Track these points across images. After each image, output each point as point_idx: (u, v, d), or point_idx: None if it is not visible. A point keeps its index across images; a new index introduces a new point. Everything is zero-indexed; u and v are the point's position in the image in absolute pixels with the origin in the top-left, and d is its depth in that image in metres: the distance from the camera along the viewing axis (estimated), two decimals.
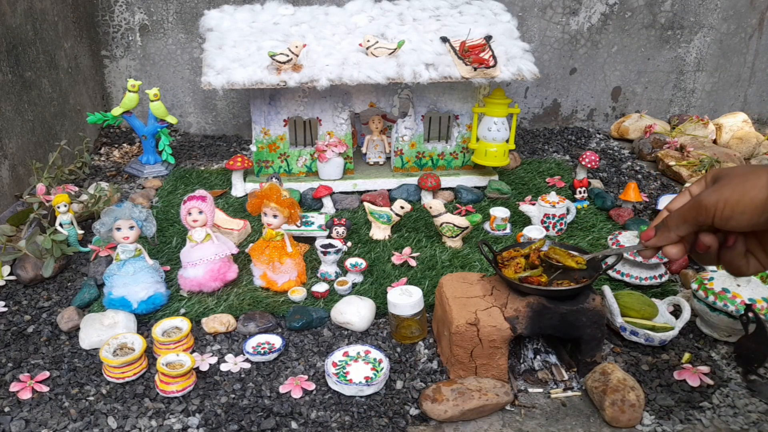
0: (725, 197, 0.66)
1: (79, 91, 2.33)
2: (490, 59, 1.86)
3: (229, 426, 1.11)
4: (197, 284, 1.46)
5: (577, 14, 2.56)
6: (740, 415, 1.16)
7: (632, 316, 1.34)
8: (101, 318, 1.35)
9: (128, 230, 1.39)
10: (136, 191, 2.05)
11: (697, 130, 2.49)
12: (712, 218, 0.68)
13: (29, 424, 1.11)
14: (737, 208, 0.66)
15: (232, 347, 1.33)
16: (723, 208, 0.67)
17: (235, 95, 2.59)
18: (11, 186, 1.86)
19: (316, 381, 1.22)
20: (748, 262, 0.71)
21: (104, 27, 2.47)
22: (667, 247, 0.74)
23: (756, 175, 0.65)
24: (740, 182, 0.66)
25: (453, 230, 1.68)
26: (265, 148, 2.00)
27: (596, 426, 1.13)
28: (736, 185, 0.66)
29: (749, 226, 0.66)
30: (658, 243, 0.74)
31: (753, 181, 0.65)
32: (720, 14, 2.61)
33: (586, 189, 1.97)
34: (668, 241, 0.73)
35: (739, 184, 0.66)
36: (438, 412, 1.12)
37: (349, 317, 1.37)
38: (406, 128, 2.02)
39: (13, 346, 1.32)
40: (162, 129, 2.16)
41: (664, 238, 0.74)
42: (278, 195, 1.47)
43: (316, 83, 1.80)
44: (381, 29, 1.99)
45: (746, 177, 0.66)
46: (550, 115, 2.75)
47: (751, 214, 0.65)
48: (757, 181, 0.64)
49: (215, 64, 1.83)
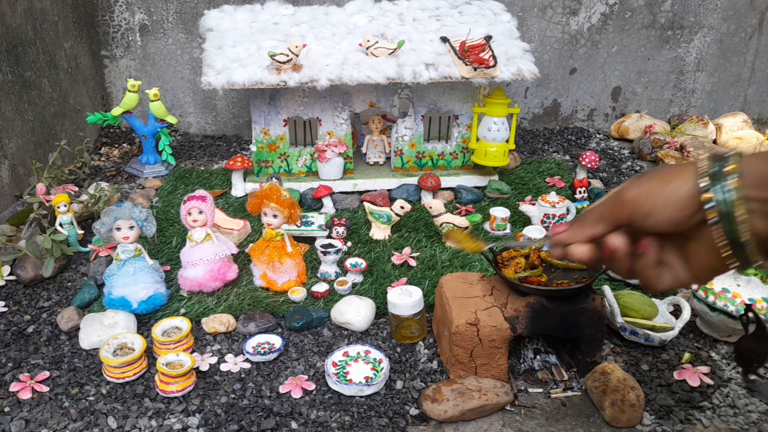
0: (646, 190, 0.60)
1: (79, 91, 2.33)
2: (490, 59, 1.86)
3: (229, 426, 1.11)
4: (197, 284, 1.46)
5: (577, 14, 2.56)
6: (740, 415, 1.16)
7: (632, 316, 1.34)
8: (101, 318, 1.35)
9: (128, 230, 1.39)
10: (136, 191, 2.05)
11: (697, 130, 2.49)
12: (630, 214, 0.61)
13: (29, 424, 1.11)
14: (658, 200, 0.59)
15: (232, 347, 1.33)
16: (643, 201, 0.60)
17: (235, 95, 2.59)
18: (11, 186, 1.86)
19: (316, 381, 1.22)
20: (659, 274, 0.62)
21: (104, 27, 2.47)
22: (573, 245, 0.65)
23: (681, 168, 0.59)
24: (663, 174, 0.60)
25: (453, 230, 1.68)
26: (265, 148, 2.00)
27: (596, 426, 1.13)
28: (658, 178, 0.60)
29: (670, 224, 0.59)
30: (566, 239, 0.65)
31: (677, 173, 0.59)
32: (720, 14, 2.61)
33: (586, 189, 1.97)
34: (576, 239, 0.64)
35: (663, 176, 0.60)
36: (438, 412, 1.12)
37: (349, 317, 1.37)
38: (406, 128, 2.02)
39: (13, 346, 1.32)
40: (162, 129, 2.16)
41: (573, 235, 0.65)
42: (278, 195, 1.47)
43: (316, 83, 1.80)
44: (381, 29, 1.99)
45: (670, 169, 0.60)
46: (550, 115, 2.75)
47: (673, 208, 0.58)
48: (681, 172, 0.58)
49: (215, 64, 1.83)
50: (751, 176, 0.55)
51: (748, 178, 0.55)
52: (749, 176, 0.55)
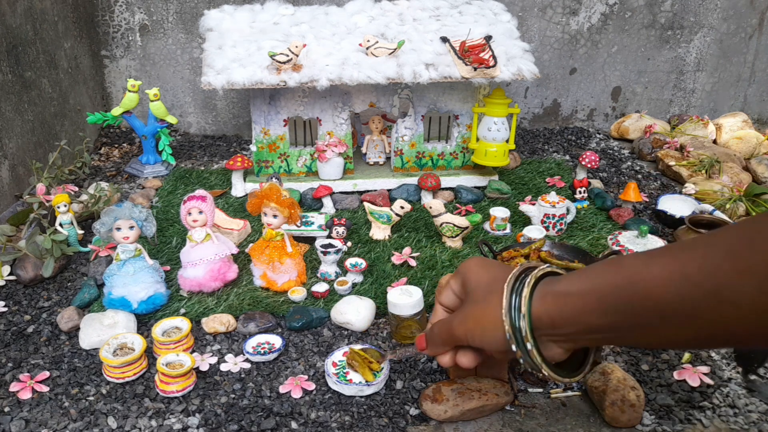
0: (470, 330, 0.71)
1: (79, 91, 2.33)
2: (490, 59, 1.86)
3: (229, 426, 1.11)
4: (197, 284, 1.46)
5: (577, 14, 2.56)
6: (740, 415, 1.16)
7: None
8: (101, 318, 1.35)
9: (128, 230, 1.39)
10: (136, 191, 2.05)
11: (697, 130, 2.49)
12: (466, 342, 0.72)
13: (29, 424, 1.11)
14: (485, 340, 0.69)
15: (232, 347, 1.33)
16: (472, 339, 0.71)
17: (235, 95, 2.59)
18: (11, 186, 1.86)
19: (316, 381, 1.22)
20: None
21: (104, 27, 2.47)
22: (439, 357, 0.78)
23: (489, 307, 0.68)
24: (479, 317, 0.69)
25: (453, 230, 1.68)
26: (265, 148, 2.00)
27: (596, 426, 1.13)
28: (476, 320, 0.70)
29: (499, 350, 0.68)
30: (431, 354, 0.79)
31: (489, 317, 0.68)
32: (720, 14, 2.61)
33: (586, 189, 1.97)
34: (438, 353, 0.78)
35: (478, 320, 0.69)
36: (438, 412, 1.12)
37: (349, 317, 1.37)
38: (406, 128, 2.02)
39: (13, 346, 1.32)
40: (162, 129, 2.16)
41: (434, 351, 0.78)
42: (278, 195, 1.47)
43: (316, 83, 1.80)
44: (381, 29, 1.99)
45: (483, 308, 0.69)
46: (550, 115, 2.75)
47: (497, 346, 0.68)
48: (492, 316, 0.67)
49: (215, 64, 1.83)
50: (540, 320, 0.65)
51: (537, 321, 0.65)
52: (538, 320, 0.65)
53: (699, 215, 1.78)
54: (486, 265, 0.72)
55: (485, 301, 0.68)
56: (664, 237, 1.77)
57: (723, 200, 1.93)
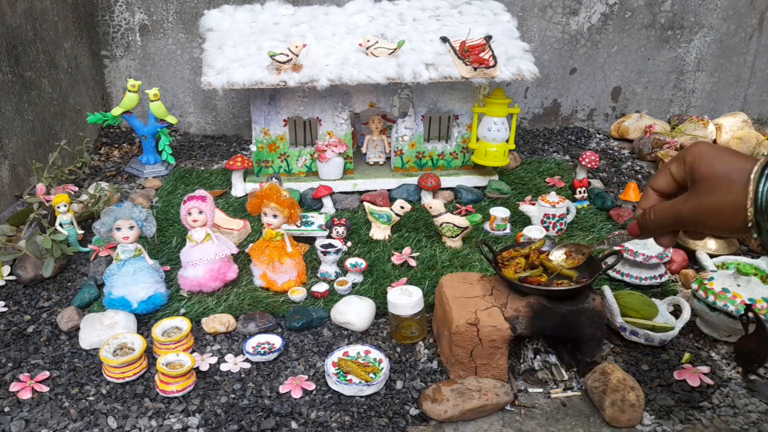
0: (706, 219, 0.70)
1: (79, 91, 2.33)
2: (490, 59, 1.86)
3: (229, 426, 1.11)
4: (197, 284, 1.46)
5: (577, 14, 2.56)
6: (740, 415, 1.16)
7: (632, 316, 1.34)
8: (101, 318, 1.35)
9: (128, 230, 1.39)
10: (136, 191, 2.05)
11: (697, 130, 2.49)
12: (696, 228, 0.72)
13: (29, 424, 1.11)
14: (723, 228, 0.69)
15: (232, 347, 1.33)
16: (705, 226, 0.70)
17: (235, 95, 2.59)
18: (11, 186, 1.86)
19: (316, 381, 1.22)
20: None
21: (104, 27, 2.47)
22: (658, 239, 0.78)
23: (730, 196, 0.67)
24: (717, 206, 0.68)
25: (453, 230, 1.68)
26: (265, 148, 2.00)
27: (596, 426, 1.13)
28: (712, 210, 0.69)
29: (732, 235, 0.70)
30: (646, 237, 0.80)
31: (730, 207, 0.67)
32: (720, 14, 2.61)
33: (586, 189, 1.97)
34: (655, 236, 0.78)
35: (717, 209, 0.68)
36: (438, 412, 1.12)
37: (349, 317, 1.37)
38: (406, 128, 2.02)
39: (13, 346, 1.32)
40: (162, 129, 2.16)
41: (650, 235, 0.78)
42: (278, 195, 1.47)
43: (316, 83, 1.80)
44: (381, 29, 1.99)
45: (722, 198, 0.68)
46: (550, 115, 2.75)
47: (735, 233, 0.69)
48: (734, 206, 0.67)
49: (215, 64, 1.83)
50: None
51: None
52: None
53: None
54: (718, 150, 0.71)
55: (725, 192, 0.68)
56: None
57: None
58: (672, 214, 0.73)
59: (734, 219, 0.67)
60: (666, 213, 0.74)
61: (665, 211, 0.74)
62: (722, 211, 0.68)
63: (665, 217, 0.74)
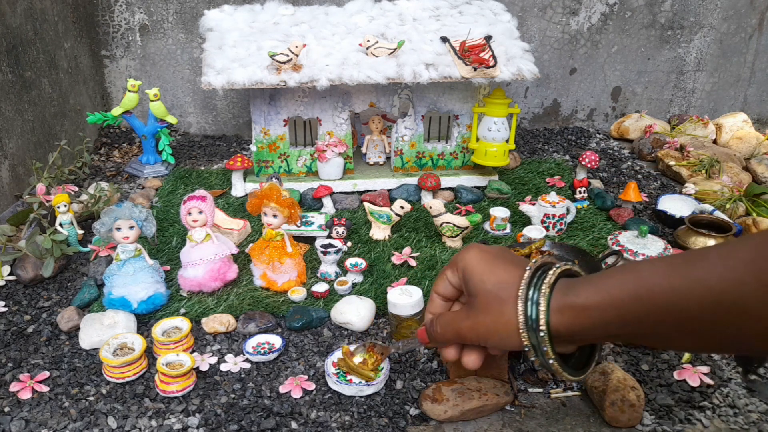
0: (483, 336, 0.68)
1: (79, 91, 2.34)
2: (490, 59, 1.86)
3: (229, 426, 1.11)
4: (197, 284, 1.46)
5: (577, 14, 2.56)
6: (740, 415, 1.16)
7: None
8: (101, 318, 1.35)
9: (128, 230, 1.39)
10: (136, 191, 2.05)
11: (697, 130, 2.49)
12: (477, 344, 0.71)
13: (29, 424, 1.11)
14: (501, 345, 0.68)
15: (232, 347, 1.33)
16: (485, 343, 0.69)
17: (235, 95, 2.59)
18: (11, 186, 1.86)
19: (316, 381, 1.22)
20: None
21: (104, 27, 2.47)
22: (443, 351, 0.75)
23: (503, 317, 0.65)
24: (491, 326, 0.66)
25: (453, 230, 1.68)
26: (265, 148, 2.00)
27: (596, 426, 1.13)
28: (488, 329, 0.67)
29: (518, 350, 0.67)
30: (434, 346, 0.78)
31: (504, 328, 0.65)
32: (720, 14, 2.61)
33: (586, 189, 1.97)
34: (442, 348, 0.75)
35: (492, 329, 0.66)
36: (438, 412, 1.12)
37: (349, 317, 1.37)
38: (406, 128, 2.02)
39: (13, 346, 1.32)
40: (162, 129, 2.16)
41: (437, 345, 0.76)
42: (278, 195, 1.47)
43: (316, 83, 1.80)
44: (381, 29, 1.99)
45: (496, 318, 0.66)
46: (550, 115, 2.75)
47: (513, 348, 0.67)
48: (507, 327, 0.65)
49: (215, 64, 1.83)
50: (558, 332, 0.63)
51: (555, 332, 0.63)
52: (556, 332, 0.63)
53: (699, 215, 1.78)
54: (487, 260, 0.68)
55: (497, 312, 0.65)
56: (664, 237, 1.77)
57: (723, 200, 1.93)
58: (454, 330, 0.71)
59: (512, 339, 0.64)
60: (449, 327, 0.72)
61: (448, 324, 0.72)
62: (498, 331, 0.65)
63: (448, 331, 0.72)
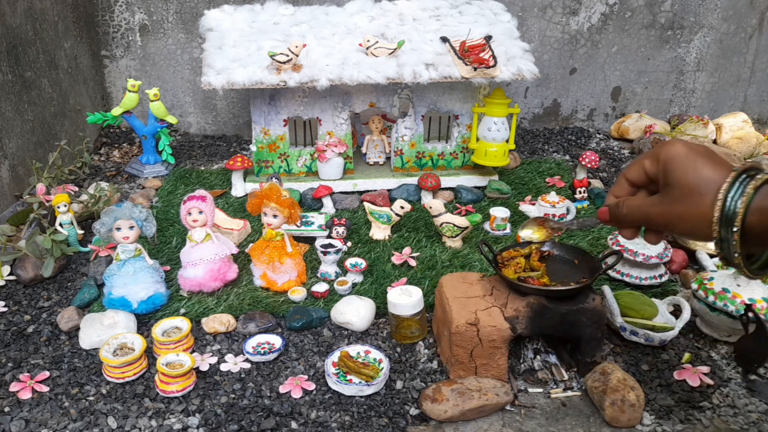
0: (673, 224, 0.70)
1: (79, 91, 2.33)
2: (490, 59, 1.86)
3: (229, 426, 1.11)
4: (197, 284, 1.46)
5: (577, 14, 2.56)
6: (740, 415, 1.16)
7: (632, 316, 1.34)
8: (101, 318, 1.35)
9: (128, 230, 1.39)
10: (136, 191, 2.05)
11: (697, 130, 2.49)
12: (662, 230, 0.74)
13: (29, 424, 1.11)
14: (691, 235, 0.70)
15: (232, 347, 1.33)
16: (673, 231, 0.71)
17: (235, 95, 2.59)
18: (11, 186, 1.86)
19: (316, 381, 1.22)
20: None
21: (104, 27, 2.47)
22: (621, 231, 0.79)
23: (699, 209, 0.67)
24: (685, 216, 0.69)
25: (453, 230, 1.68)
26: (265, 148, 2.00)
27: (596, 426, 1.13)
28: (681, 218, 0.69)
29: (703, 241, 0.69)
30: (614, 225, 0.79)
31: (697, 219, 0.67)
32: (720, 14, 2.61)
33: (586, 189, 1.97)
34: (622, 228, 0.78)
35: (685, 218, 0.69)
36: (438, 412, 1.12)
37: (349, 317, 1.37)
38: (406, 128, 2.02)
39: (13, 346, 1.32)
40: (162, 129, 2.16)
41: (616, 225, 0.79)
42: (278, 195, 1.47)
43: (316, 83, 1.80)
44: (381, 29, 1.99)
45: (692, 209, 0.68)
46: (550, 115, 2.75)
47: (702, 240, 0.68)
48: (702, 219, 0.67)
49: (215, 64, 1.83)
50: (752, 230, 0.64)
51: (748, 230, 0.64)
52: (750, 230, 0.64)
53: None
54: (693, 156, 0.70)
55: (694, 204, 0.68)
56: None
57: None
58: (642, 213, 0.73)
59: (701, 230, 0.67)
60: (637, 211, 0.74)
61: (636, 208, 0.74)
62: (690, 220, 0.68)
63: (636, 214, 0.74)
